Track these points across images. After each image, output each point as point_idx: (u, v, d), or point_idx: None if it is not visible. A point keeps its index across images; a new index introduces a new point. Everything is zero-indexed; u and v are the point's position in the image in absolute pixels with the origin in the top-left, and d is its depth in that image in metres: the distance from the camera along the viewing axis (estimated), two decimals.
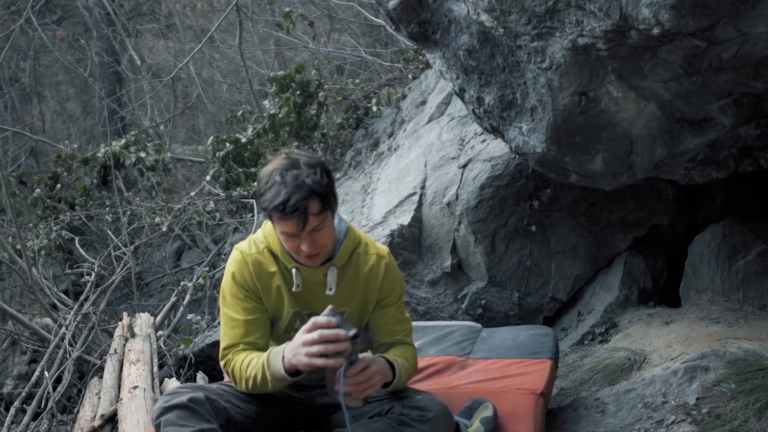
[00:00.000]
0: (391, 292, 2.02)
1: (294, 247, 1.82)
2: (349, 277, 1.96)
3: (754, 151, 2.96)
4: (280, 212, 1.74)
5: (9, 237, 5.43)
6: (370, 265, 1.98)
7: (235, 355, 1.89)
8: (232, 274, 1.93)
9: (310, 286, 1.93)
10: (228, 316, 1.93)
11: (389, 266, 2.01)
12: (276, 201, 1.74)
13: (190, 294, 4.43)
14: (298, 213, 1.73)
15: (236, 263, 1.94)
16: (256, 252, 1.93)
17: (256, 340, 1.91)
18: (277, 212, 1.76)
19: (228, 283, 1.94)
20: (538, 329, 2.83)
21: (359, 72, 8.12)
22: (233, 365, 1.88)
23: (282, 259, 1.92)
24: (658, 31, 2.02)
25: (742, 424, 2.12)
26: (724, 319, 2.98)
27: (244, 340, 1.90)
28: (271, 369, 1.79)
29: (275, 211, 1.76)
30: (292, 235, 1.79)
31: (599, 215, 3.52)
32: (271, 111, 5.82)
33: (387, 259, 2.02)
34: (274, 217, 1.79)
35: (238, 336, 1.90)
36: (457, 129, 4.02)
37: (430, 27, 2.81)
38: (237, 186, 5.74)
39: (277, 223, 1.80)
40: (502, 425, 2.09)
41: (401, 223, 3.60)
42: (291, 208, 1.73)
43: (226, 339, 1.92)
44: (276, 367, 1.78)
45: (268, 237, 1.94)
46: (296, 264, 1.90)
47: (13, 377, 4.33)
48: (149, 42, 11.28)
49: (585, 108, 2.55)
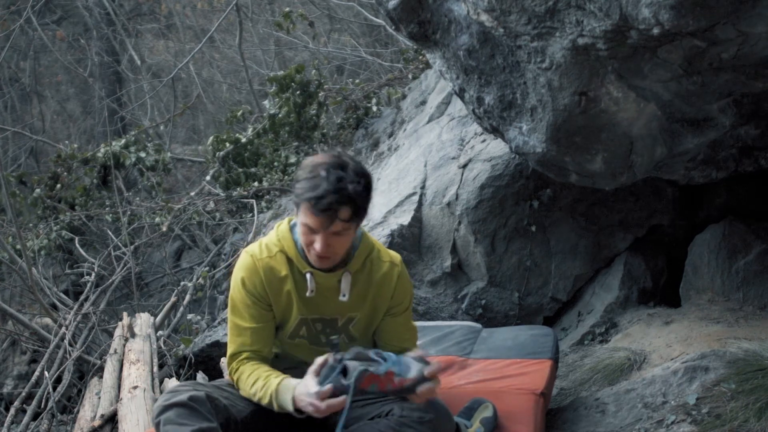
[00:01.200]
0: (402, 300, 2.02)
1: (308, 241, 1.82)
2: (362, 283, 1.95)
3: (754, 151, 2.96)
4: (312, 205, 1.74)
5: (9, 237, 5.43)
6: (383, 272, 1.97)
7: (240, 365, 1.90)
8: (241, 280, 1.92)
9: (323, 291, 1.92)
10: (235, 323, 1.94)
11: (401, 274, 2.01)
12: (311, 193, 1.74)
13: (190, 294, 4.43)
14: (328, 213, 1.74)
15: (246, 268, 1.93)
16: (267, 256, 1.92)
17: (260, 348, 1.92)
18: (308, 204, 1.75)
19: (237, 288, 1.93)
20: (538, 329, 2.83)
21: (359, 72, 8.12)
22: (239, 376, 1.90)
23: (296, 263, 1.91)
24: (658, 31, 2.02)
25: (742, 424, 2.12)
26: (724, 319, 2.98)
27: (248, 349, 1.91)
28: (278, 401, 1.80)
29: (307, 201, 1.76)
30: (313, 230, 1.79)
31: (599, 215, 3.51)
32: (271, 111, 5.82)
33: (399, 267, 2.01)
34: (303, 206, 1.78)
35: (244, 344, 1.91)
36: (457, 129, 4.02)
37: (430, 27, 2.81)
38: (237, 186, 5.74)
39: (303, 212, 1.79)
40: (502, 425, 2.09)
41: (401, 223, 3.60)
42: (323, 206, 1.73)
43: (232, 346, 1.93)
44: (284, 403, 1.78)
45: (282, 240, 1.93)
46: (311, 269, 1.90)
47: (13, 377, 4.33)
48: (149, 42, 11.29)
49: (585, 108, 2.55)
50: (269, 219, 5.07)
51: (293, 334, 1.97)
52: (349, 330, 1.99)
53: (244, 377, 1.88)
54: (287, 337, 1.98)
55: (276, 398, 1.80)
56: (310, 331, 1.98)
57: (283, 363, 2.04)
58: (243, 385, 1.88)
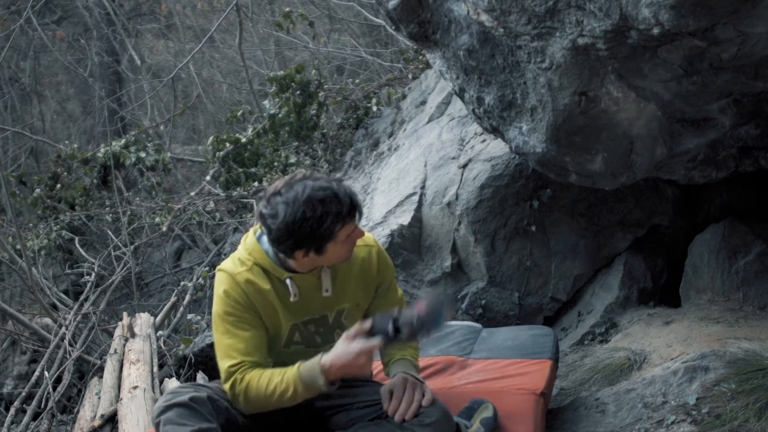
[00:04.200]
0: (385, 277, 2.04)
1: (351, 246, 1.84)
2: (343, 273, 1.95)
3: (754, 151, 2.96)
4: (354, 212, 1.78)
5: (9, 237, 5.44)
6: (361, 257, 1.97)
7: (245, 374, 1.81)
8: (224, 292, 1.86)
9: (305, 292, 1.91)
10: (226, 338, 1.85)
11: (380, 253, 2.03)
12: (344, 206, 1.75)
13: (190, 294, 4.43)
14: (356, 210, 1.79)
15: (226, 282, 1.87)
16: (245, 270, 1.87)
17: (259, 359, 1.85)
18: (350, 216, 1.77)
19: (222, 301, 1.86)
20: (538, 329, 2.83)
21: (359, 72, 8.11)
22: (246, 384, 1.81)
23: (273, 272, 1.87)
24: (658, 31, 2.02)
25: (742, 424, 2.12)
26: (724, 319, 2.98)
27: (248, 359, 1.83)
28: (306, 381, 1.75)
29: (349, 216, 1.77)
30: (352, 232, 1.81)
31: (599, 215, 3.51)
32: (271, 111, 5.82)
33: (375, 246, 2.02)
34: (345, 224, 1.77)
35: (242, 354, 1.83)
36: (457, 129, 4.02)
37: (430, 27, 2.81)
38: (237, 186, 5.74)
39: (343, 229, 1.77)
40: (502, 425, 2.09)
41: (401, 223, 3.60)
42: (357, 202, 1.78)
43: (229, 360, 1.83)
44: (313, 379, 1.74)
45: (253, 253, 1.88)
46: (289, 274, 1.87)
47: (13, 377, 4.34)
48: (149, 42, 11.29)
49: (585, 108, 2.55)
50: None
51: (288, 342, 1.95)
52: (342, 323, 1.98)
53: (255, 382, 1.80)
54: (283, 347, 1.95)
55: (302, 380, 1.74)
56: (303, 335, 1.96)
57: None
58: (255, 390, 1.79)
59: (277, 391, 1.77)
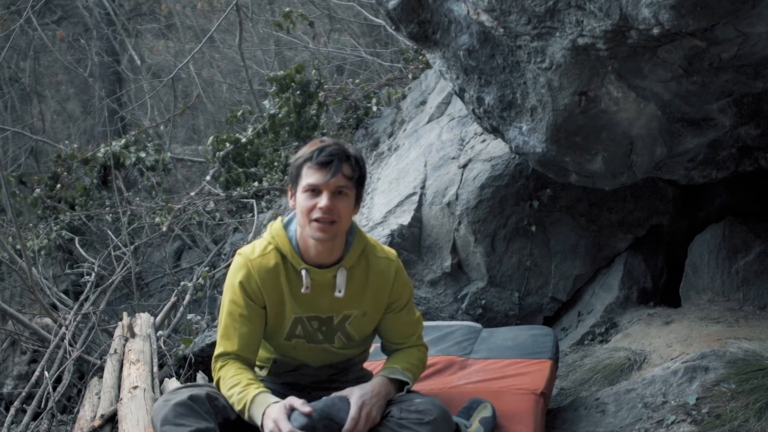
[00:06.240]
0: (401, 296, 2.02)
1: (311, 206, 1.81)
2: (358, 279, 1.95)
3: (754, 151, 2.96)
4: (314, 159, 1.80)
5: (9, 237, 5.44)
6: (380, 268, 1.97)
7: (225, 365, 1.90)
8: (238, 281, 1.91)
9: (318, 288, 1.91)
10: (226, 324, 1.93)
11: (399, 270, 2.01)
12: (312, 150, 1.82)
13: (190, 294, 4.43)
14: (330, 165, 1.79)
15: (241, 269, 1.92)
16: (260, 255, 1.91)
17: (247, 356, 1.92)
18: (309, 161, 1.81)
19: (233, 289, 1.92)
20: (538, 329, 2.83)
21: (359, 72, 8.11)
22: (219, 377, 1.90)
23: (291, 259, 1.90)
24: (658, 31, 2.02)
25: (742, 424, 2.12)
26: (724, 319, 2.98)
27: (235, 352, 1.90)
28: (250, 412, 1.79)
29: (309, 160, 1.81)
30: (316, 190, 1.81)
31: (599, 215, 3.51)
32: (271, 111, 5.82)
33: (396, 262, 2.01)
34: (304, 168, 1.82)
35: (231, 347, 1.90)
36: (457, 129, 4.02)
37: (430, 27, 2.81)
38: (237, 186, 5.74)
39: (305, 175, 1.82)
40: (502, 425, 2.09)
41: (401, 223, 3.60)
42: (326, 155, 1.80)
43: (220, 347, 1.93)
44: (254, 416, 1.78)
45: (276, 237, 1.93)
46: (306, 266, 1.89)
47: (13, 377, 4.34)
48: (149, 42, 11.29)
49: (585, 108, 2.55)
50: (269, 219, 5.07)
51: (290, 335, 1.96)
52: (346, 328, 1.98)
53: (226, 379, 1.87)
54: (284, 339, 1.97)
55: (249, 408, 1.79)
56: (306, 329, 1.96)
57: (282, 367, 2.04)
58: (223, 385, 1.88)
59: (233, 399, 1.84)
